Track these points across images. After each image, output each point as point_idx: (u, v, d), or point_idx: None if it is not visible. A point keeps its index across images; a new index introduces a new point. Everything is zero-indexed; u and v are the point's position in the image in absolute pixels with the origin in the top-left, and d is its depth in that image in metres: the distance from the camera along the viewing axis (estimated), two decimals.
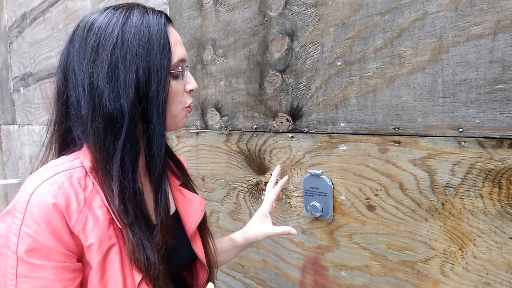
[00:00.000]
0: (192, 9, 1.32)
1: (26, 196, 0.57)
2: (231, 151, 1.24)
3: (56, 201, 0.57)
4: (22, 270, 0.55)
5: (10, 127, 3.43)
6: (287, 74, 1.02)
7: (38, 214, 0.56)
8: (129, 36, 0.62)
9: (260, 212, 0.92)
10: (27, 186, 0.59)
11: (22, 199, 0.57)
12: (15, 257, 0.55)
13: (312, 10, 0.94)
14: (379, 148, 0.84)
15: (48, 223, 0.56)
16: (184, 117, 0.73)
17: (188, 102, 0.72)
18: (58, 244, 0.57)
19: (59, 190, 0.58)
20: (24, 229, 0.55)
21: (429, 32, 0.74)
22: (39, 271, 0.55)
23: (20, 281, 0.55)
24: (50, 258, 0.56)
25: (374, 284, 0.89)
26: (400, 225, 0.82)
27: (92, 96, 0.62)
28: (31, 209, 0.56)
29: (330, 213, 0.95)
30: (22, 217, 0.56)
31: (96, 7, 1.92)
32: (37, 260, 0.55)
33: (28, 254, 0.55)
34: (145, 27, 0.63)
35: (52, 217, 0.56)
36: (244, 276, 1.28)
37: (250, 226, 0.92)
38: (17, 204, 0.57)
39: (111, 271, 0.61)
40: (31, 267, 0.55)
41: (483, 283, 0.71)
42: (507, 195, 0.67)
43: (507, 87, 0.65)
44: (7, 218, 0.57)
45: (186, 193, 0.82)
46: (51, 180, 0.59)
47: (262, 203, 0.94)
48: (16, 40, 3.09)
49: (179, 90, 0.69)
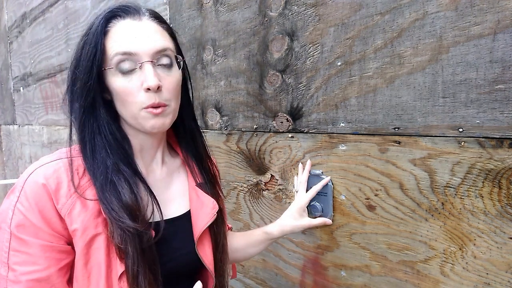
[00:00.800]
0: (192, 9, 1.32)
1: (26, 176, 0.62)
2: (231, 151, 1.24)
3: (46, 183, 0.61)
4: (14, 244, 0.59)
5: (10, 127, 3.43)
6: (287, 74, 1.02)
7: (29, 193, 0.60)
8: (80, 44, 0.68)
9: (298, 205, 0.95)
10: (31, 167, 0.64)
11: (22, 179, 0.62)
12: (9, 231, 0.60)
13: (312, 10, 0.94)
14: (379, 148, 0.84)
15: (37, 203, 0.60)
16: (146, 118, 0.66)
17: (146, 103, 0.65)
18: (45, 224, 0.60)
19: (53, 173, 0.62)
20: (18, 206, 0.60)
21: (429, 32, 0.74)
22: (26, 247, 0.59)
23: (12, 254, 0.59)
24: (37, 236, 0.60)
25: (374, 284, 0.89)
26: (400, 225, 0.82)
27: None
28: (26, 188, 0.61)
29: (330, 213, 0.95)
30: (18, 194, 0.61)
31: (96, 7, 1.92)
32: (25, 236, 0.59)
33: (18, 230, 0.59)
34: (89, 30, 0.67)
35: (41, 197, 0.60)
36: (244, 276, 1.28)
37: (287, 219, 0.95)
38: (18, 183, 0.62)
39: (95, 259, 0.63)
40: (20, 242, 0.59)
41: (483, 283, 0.71)
42: (507, 195, 0.67)
43: (507, 87, 0.65)
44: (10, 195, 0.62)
45: (200, 194, 0.79)
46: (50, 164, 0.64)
47: (298, 197, 0.98)
48: (16, 40, 3.09)
49: (129, 87, 0.64)
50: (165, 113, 0.67)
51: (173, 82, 0.69)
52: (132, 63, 0.64)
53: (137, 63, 0.65)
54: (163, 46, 0.67)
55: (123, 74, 0.65)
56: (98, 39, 0.64)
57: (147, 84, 0.64)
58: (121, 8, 0.67)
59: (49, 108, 2.56)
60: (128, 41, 0.64)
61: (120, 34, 0.65)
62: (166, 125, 0.68)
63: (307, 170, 0.98)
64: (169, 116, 0.69)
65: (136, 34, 0.65)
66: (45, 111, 2.63)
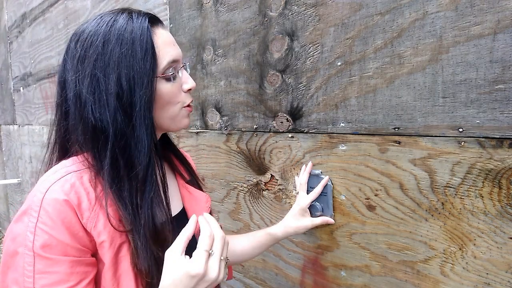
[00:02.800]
0: (192, 9, 1.32)
1: (40, 195, 0.59)
2: (231, 151, 1.24)
3: (68, 198, 0.59)
4: (40, 266, 0.57)
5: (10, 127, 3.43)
6: (287, 74, 1.02)
7: (52, 211, 0.58)
8: (111, 45, 0.63)
9: (299, 207, 0.97)
10: (40, 186, 0.61)
11: (37, 198, 0.59)
12: (31, 254, 0.57)
13: (312, 10, 0.94)
14: (379, 148, 0.84)
15: (63, 220, 0.58)
16: (184, 116, 0.72)
17: (187, 101, 0.71)
18: (73, 240, 0.58)
19: (71, 189, 0.60)
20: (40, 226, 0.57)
21: (429, 32, 0.74)
22: (56, 266, 0.57)
23: (38, 277, 0.56)
24: (66, 253, 0.58)
25: (374, 284, 0.89)
26: (400, 225, 0.82)
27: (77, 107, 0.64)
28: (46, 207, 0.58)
29: (330, 213, 0.95)
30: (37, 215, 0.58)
31: (96, 7, 1.92)
32: (53, 255, 0.57)
33: (45, 250, 0.57)
34: (128, 34, 0.63)
35: (66, 214, 0.58)
36: (244, 276, 1.28)
37: (290, 220, 0.98)
38: (32, 204, 0.59)
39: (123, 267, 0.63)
40: (48, 262, 0.57)
41: (483, 283, 0.71)
42: (507, 195, 0.67)
43: (507, 87, 0.65)
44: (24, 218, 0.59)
45: (192, 191, 0.83)
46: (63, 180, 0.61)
47: (299, 198, 0.99)
48: (16, 40, 3.09)
49: (174, 91, 0.68)
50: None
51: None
52: (173, 69, 0.68)
53: (177, 68, 0.69)
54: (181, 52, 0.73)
55: (168, 80, 0.67)
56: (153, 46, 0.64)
57: (191, 85, 0.70)
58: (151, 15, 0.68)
59: (49, 108, 2.56)
60: (172, 49, 0.68)
61: (164, 42, 0.67)
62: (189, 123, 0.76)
63: (307, 171, 0.98)
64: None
65: (174, 43, 0.70)
66: (45, 111, 2.63)
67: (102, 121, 0.63)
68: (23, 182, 3.25)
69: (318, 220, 0.96)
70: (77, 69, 0.64)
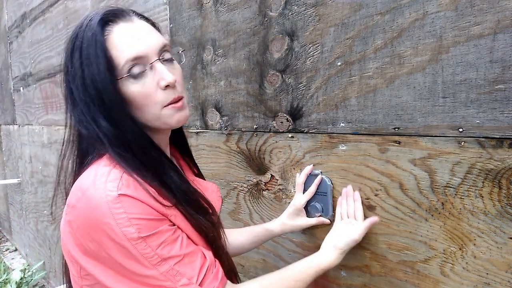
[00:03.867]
0: (192, 9, 1.32)
1: (113, 193, 0.60)
2: (231, 151, 1.24)
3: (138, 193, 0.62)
4: (154, 243, 0.60)
5: (10, 127, 3.43)
6: (287, 74, 1.02)
7: (133, 203, 0.60)
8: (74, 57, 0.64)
9: (295, 207, 0.98)
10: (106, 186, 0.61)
11: (111, 198, 0.59)
12: (140, 241, 0.59)
13: (312, 10, 0.94)
14: (379, 148, 0.84)
15: (142, 204, 0.61)
16: (169, 115, 0.66)
17: (167, 100, 0.65)
18: (159, 215, 0.63)
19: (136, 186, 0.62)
20: (131, 216, 0.59)
21: (429, 32, 0.74)
22: (164, 235, 0.62)
23: (159, 250, 0.61)
24: (162, 225, 0.63)
25: (374, 284, 0.89)
26: (400, 225, 0.82)
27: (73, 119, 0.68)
28: (125, 200, 0.60)
29: (330, 213, 0.95)
30: (123, 210, 0.59)
31: (96, 7, 1.92)
32: (156, 229, 0.61)
33: (149, 230, 0.60)
34: (85, 40, 0.63)
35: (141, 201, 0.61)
36: (244, 276, 1.28)
37: (287, 218, 0.99)
38: (107, 206, 0.59)
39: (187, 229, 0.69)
40: (156, 236, 0.61)
41: (483, 283, 0.71)
42: (507, 195, 0.67)
43: (507, 87, 0.65)
44: (104, 227, 0.59)
45: (202, 183, 0.85)
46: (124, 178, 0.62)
47: (295, 198, 1.00)
48: (16, 40, 3.09)
49: (146, 91, 0.64)
50: (184, 105, 0.69)
51: (180, 73, 0.70)
52: (141, 66, 0.63)
53: (147, 64, 0.64)
54: (163, 42, 0.67)
55: (135, 79, 0.63)
56: (104, 50, 0.62)
57: (166, 81, 0.64)
58: (110, 12, 0.64)
59: (49, 108, 2.56)
60: (134, 45, 0.63)
61: (122, 40, 0.63)
62: (188, 116, 0.71)
63: (305, 172, 0.98)
64: (188, 107, 0.71)
65: (138, 36, 0.64)
66: (45, 111, 2.63)
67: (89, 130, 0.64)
68: (23, 182, 3.25)
69: (313, 220, 0.96)
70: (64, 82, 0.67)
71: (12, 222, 3.84)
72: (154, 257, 0.60)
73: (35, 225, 3.12)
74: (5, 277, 3.02)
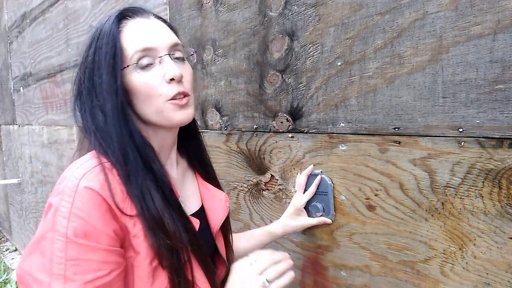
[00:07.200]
0: (192, 9, 1.32)
1: (75, 181, 0.58)
2: (231, 151, 1.24)
3: (103, 189, 0.59)
4: (72, 253, 0.55)
5: (10, 127, 3.43)
6: (287, 74, 1.02)
7: (89, 198, 0.57)
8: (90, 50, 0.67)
9: (295, 207, 0.98)
10: (74, 172, 0.60)
11: (72, 184, 0.58)
12: (64, 240, 0.55)
13: (312, 10, 0.94)
14: (379, 148, 0.84)
15: (99, 208, 0.57)
16: (172, 110, 0.66)
17: (171, 93, 0.65)
18: (108, 228, 0.58)
19: (105, 180, 0.60)
20: (75, 212, 0.56)
21: (429, 32, 0.74)
22: (90, 253, 0.56)
23: (70, 264, 0.55)
24: (101, 241, 0.57)
25: (374, 284, 0.89)
26: (400, 225, 0.82)
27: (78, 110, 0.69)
28: (82, 193, 0.57)
29: (331, 213, 0.95)
30: (72, 200, 0.57)
31: (96, 7, 1.92)
32: (88, 242, 0.56)
33: (79, 236, 0.55)
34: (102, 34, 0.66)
35: (101, 203, 0.58)
36: None
37: (288, 219, 0.99)
38: (66, 188, 0.58)
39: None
40: (82, 249, 0.55)
41: (483, 283, 0.71)
42: (507, 195, 0.67)
43: (507, 87, 0.65)
44: (54, 201, 0.58)
45: (211, 189, 0.84)
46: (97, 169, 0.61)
47: (295, 198, 0.99)
48: (16, 40, 3.09)
49: (151, 82, 0.65)
50: (189, 103, 0.68)
51: (190, 73, 0.71)
52: (150, 59, 0.65)
53: (156, 57, 0.65)
54: (176, 40, 0.69)
55: (143, 70, 0.65)
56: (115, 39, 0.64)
57: (172, 74, 0.64)
58: (129, 9, 0.69)
59: (49, 108, 2.56)
60: (146, 37, 0.65)
61: (135, 32, 0.66)
62: (192, 115, 0.69)
63: (305, 173, 0.98)
64: (192, 107, 0.70)
65: (151, 30, 0.67)
66: (45, 111, 2.63)
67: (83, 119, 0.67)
68: (23, 182, 3.25)
69: (314, 220, 0.97)
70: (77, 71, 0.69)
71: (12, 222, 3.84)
72: (60, 267, 0.54)
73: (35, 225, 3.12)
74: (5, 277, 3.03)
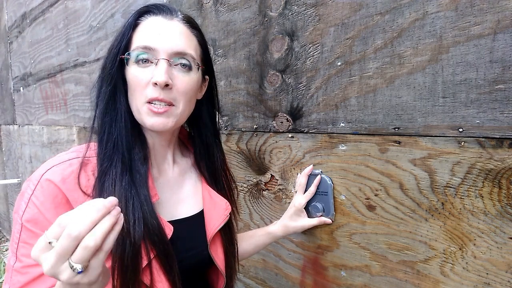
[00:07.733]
0: (192, 9, 1.32)
1: (42, 171, 0.63)
2: (231, 151, 1.24)
3: (63, 182, 0.62)
4: (24, 236, 0.60)
5: (10, 127, 3.43)
6: (287, 74, 1.02)
7: (46, 188, 0.61)
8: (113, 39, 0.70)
9: (295, 207, 0.97)
10: (48, 162, 0.65)
11: (38, 173, 0.63)
12: (20, 222, 0.61)
13: (312, 10, 0.94)
14: (379, 148, 0.84)
15: (54, 199, 0.61)
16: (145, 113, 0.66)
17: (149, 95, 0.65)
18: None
19: (70, 174, 0.63)
20: (33, 199, 0.61)
21: (429, 32, 0.74)
22: (35, 239, 0.58)
23: (21, 245, 0.60)
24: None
25: (374, 284, 0.89)
26: (400, 225, 0.82)
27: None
28: (43, 183, 0.61)
29: (331, 212, 0.95)
30: (34, 188, 0.61)
31: (96, 7, 1.92)
32: (36, 229, 0.60)
33: (30, 223, 0.60)
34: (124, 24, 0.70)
35: (57, 195, 0.61)
36: (244, 276, 1.28)
37: (288, 220, 0.98)
38: (33, 176, 0.63)
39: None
40: (31, 235, 0.60)
41: (483, 283, 0.71)
42: (507, 195, 0.67)
43: (507, 87, 0.65)
44: (23, 186, 0.64)
45: (213, 194, 0.80)
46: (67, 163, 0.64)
47: (295, 198, 0.99)
48: (16, 40, 3.09)
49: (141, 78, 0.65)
50: (169, 113, 0.66)
51: (186, 82, 0.68)
52: (150, 57, 0.66)
53: (154, 58, 0.66)
54: (183, 49, 0.68)
55: (139, 65, 0.67)
56: (127, 30, 0.67)
57: (155, 79, 0.64)
58: (156, 5, 0.71)
59: (49, 108, 2.56)
60: (152, 36, 0.67)
61: (147, 28, 0.68)
62: (168, 126, 0.67)
63: (305, 173, 0.98)
64: (173, 118, 0.67)
65: (160, 31, 0.67)
66: (45, 111, 2.63)
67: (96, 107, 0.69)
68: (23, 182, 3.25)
69: (315, 220, 0.96)
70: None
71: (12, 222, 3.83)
72: (15, 246, 0.61)
73: None
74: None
